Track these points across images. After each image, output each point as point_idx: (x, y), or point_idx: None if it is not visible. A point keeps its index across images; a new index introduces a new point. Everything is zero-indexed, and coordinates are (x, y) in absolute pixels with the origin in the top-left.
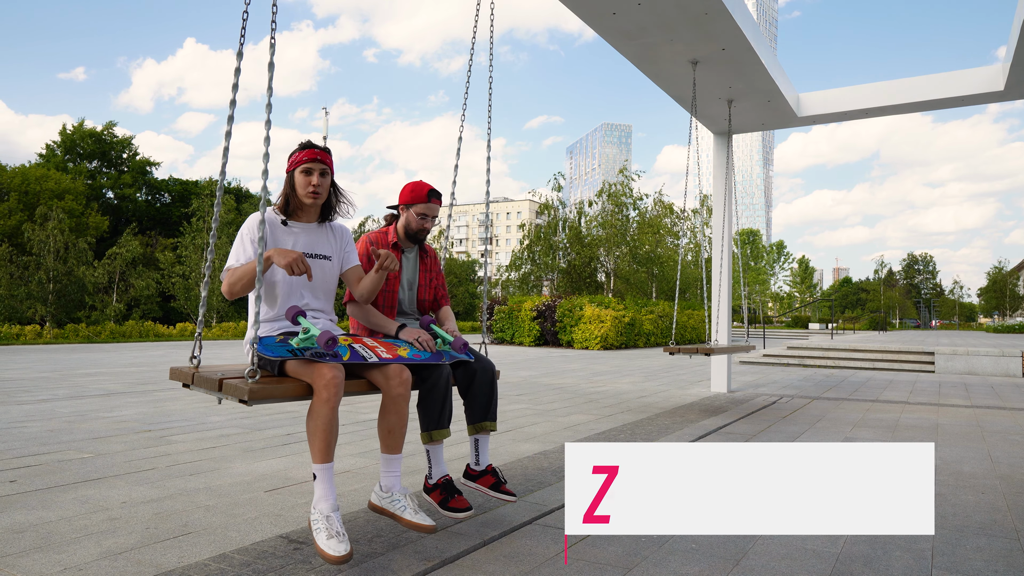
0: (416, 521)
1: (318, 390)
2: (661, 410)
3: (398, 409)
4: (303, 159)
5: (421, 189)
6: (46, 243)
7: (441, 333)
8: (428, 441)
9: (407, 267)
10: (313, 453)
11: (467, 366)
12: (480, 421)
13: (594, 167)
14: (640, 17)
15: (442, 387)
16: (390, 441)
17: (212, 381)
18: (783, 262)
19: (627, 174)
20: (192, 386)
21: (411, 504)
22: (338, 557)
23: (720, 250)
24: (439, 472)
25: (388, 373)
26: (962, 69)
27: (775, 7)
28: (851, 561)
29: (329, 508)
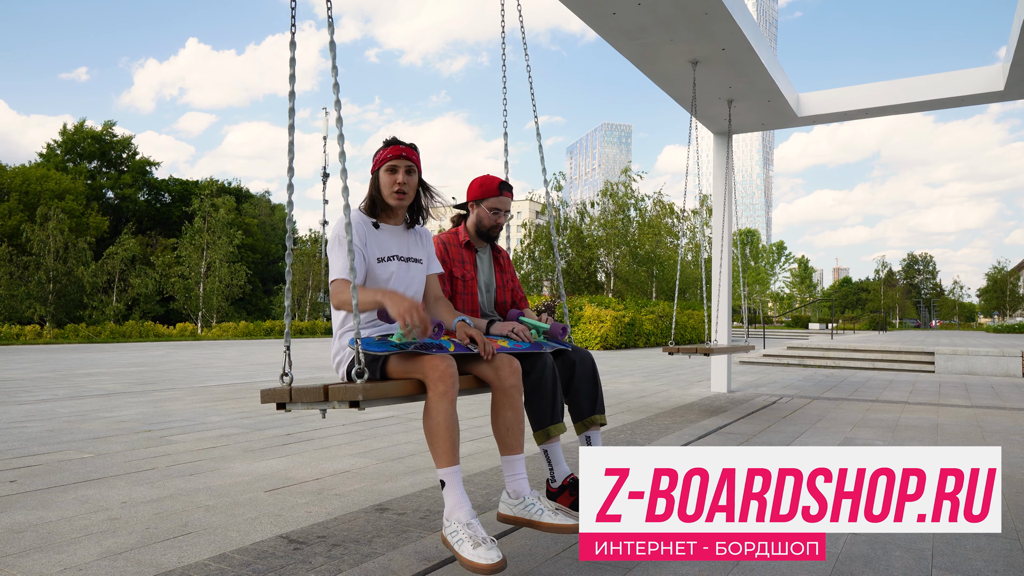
0: (558, 523)
1: (433, 383)
2: (661, 410)
3: (513, 403)
4: (387, 156)
5: (491, 183)
6: (46, 243)
7: (535, 323)
8: (544, 440)
9: (483, 269)
10: (437, 457)
11: (565, 357)
12: (590, 415)
13: (594, 167)
14: (640, 17)
15: (549, 377)
16: (509, 440)
17: (316, 391)
18: (783, 262)
19: (629, 174)
20: (290, 404)
21: (548, 506)
22: (492, 565)
23: (720, 250)
24: (562, 472)
25: (497, 364)
26: (962, 69)
27: (775, 8)
28: (851, 561)
29: (467, 515)
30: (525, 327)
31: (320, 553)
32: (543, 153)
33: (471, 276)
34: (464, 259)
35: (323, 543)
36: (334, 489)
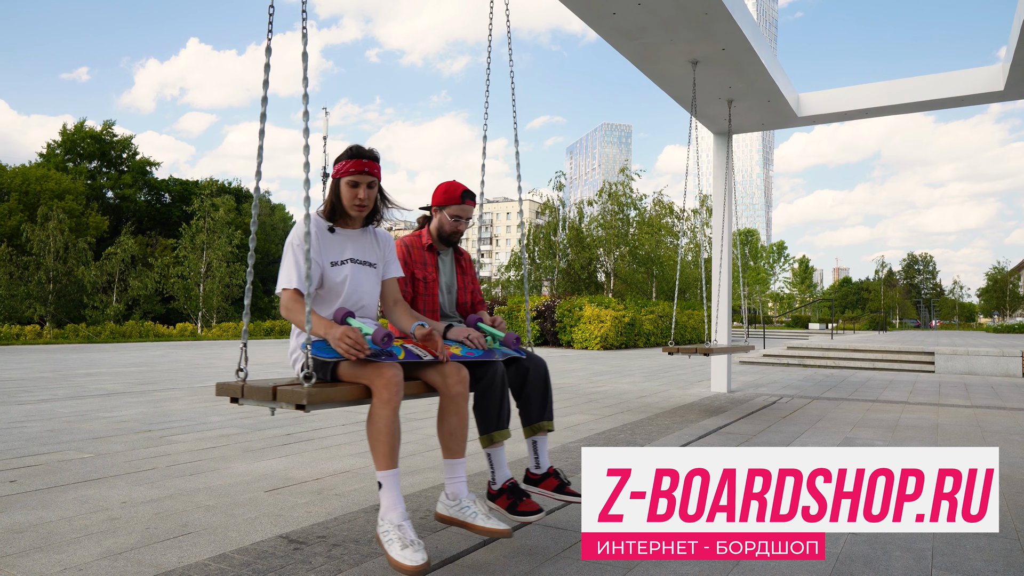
0: (490, 527)
1: (378, 391)
2: (661, 410)
3: (458, 409)
4: (349, 170)
5: (455, 190)
6: (46, 243)
7: (491, 330)
8: (489, 444)
9: (444, 271)
10: (377, 460)
11: (518, 364)
12: (538, 421)
13: (594, 167)
14: (640, 17)
15: (498, 385)
16: (452, 444)
17: (265, 391)
18: (783, 262)
19: (628, 174)
20: (242, 400)
21: (482, 509)
22: (416, 567)
23: (720, 250)
24: (503, 476)
25: (445, 372)
26: (962, 69)
27: (775, 8)
28: (851, 561)
29: (400, 517)
30: (480, 334)
31: (320, 553)
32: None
33: (432, 278)
34: (426, 261)
35: (323, 543)
36: (334, 489)
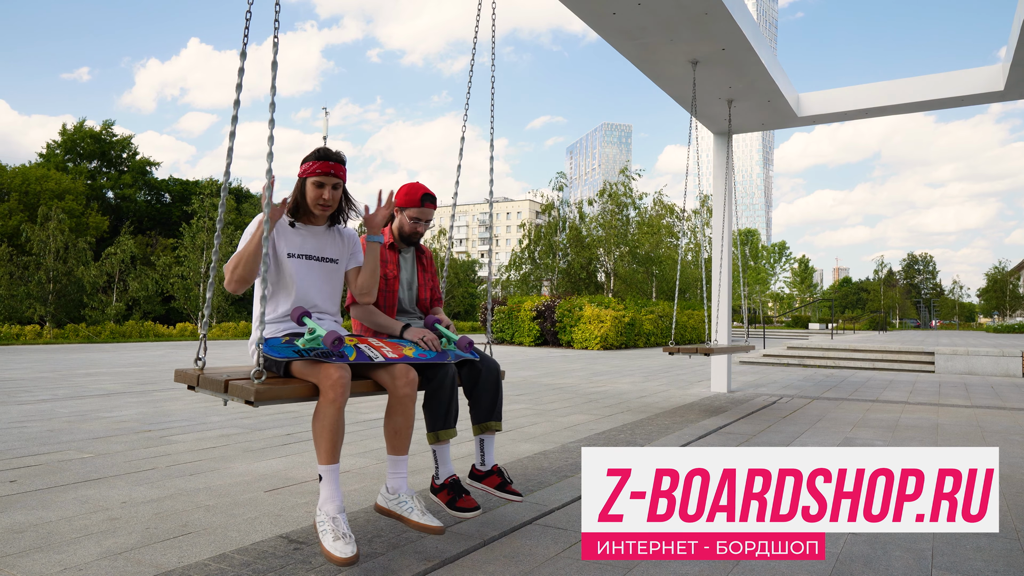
0: (423, 523)
1: (324, 390)
2: (661, 410)
3: (404, 409)
4: (316, 171)
5: (415, 192)
6: (46, 243)
7: (446, 332)
8: (434, 441)
9: (405, 267)
10: (319, 454)
11: (472, 365)
12: (485, 421)
13: (594, 167)
14: (640, 17)
15: (448, 387)
16: (396, 442)
17: (218, 383)
18: (783, 262)
19: (628, 174)
20: (198, 388)
21: (418, 505)
22: (344, 559)
23: (720, 250)
24: (446, 472)
25: (394, 373)
26: (962, 69)
27: (775, 9)
28: (851, 561)
29: (335, 510)
30: (435, 336)
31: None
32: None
33: (393, 275)
34: (387, 259)
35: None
36: None
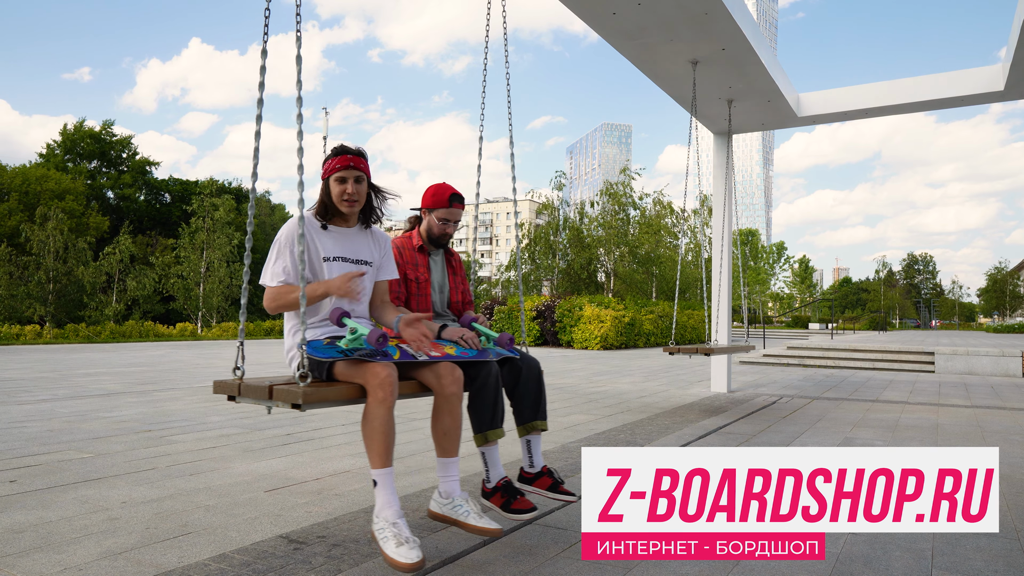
0: (482, 525)
1: (372, 390)
2: (661, 410)
3: (452, 409)
4: (336, 167)
5: (443, 193)
6: (46, 243)
7: (485, 330)
8: (483, 443)
9: (436, 271)
10: (372, 458)
11: (512, 364)
12: (531, 420)
13: (594, 167)
14: (640, 17)
15: (492, 385)
16: (446, 444)
17: (261, 389)
18: (783, 262)
19: (628, 173)
20: (239, 398)
21: (474, 508)
22: (411, 564)
23: (720, 250)
24: (497, 474)
25: (439, 372)
26: (962, 69)
27: (775, 9)
28: (851, 561)
29: (394, 515)
30: (475, 334)
31: (320, 553)
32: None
33: (424, 278)
34: (417, 262)
35: (323, 543)
36: (334, 489)
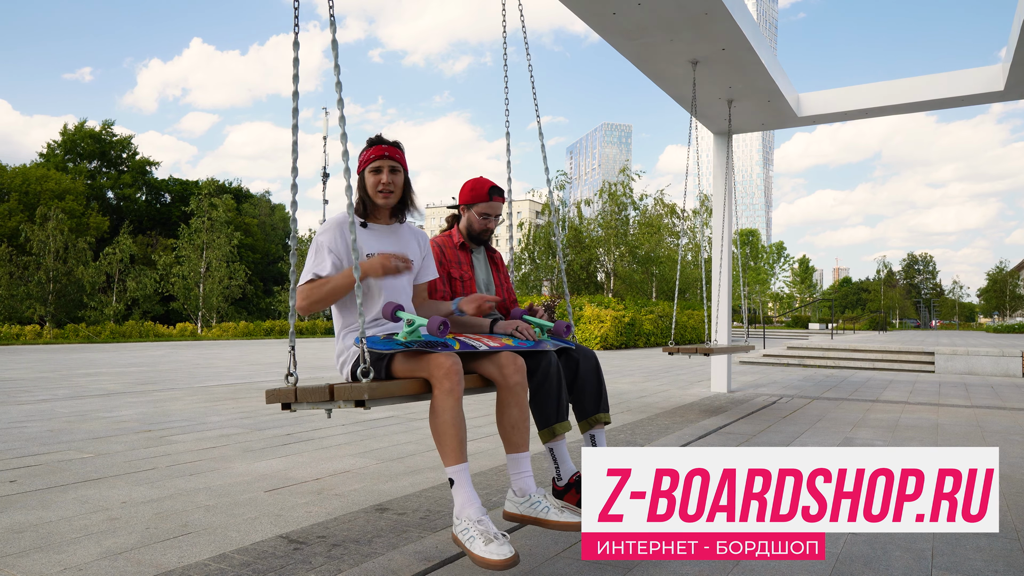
0: (564, 520)
1: (439, 380)
2: (661, 410)
3: (518, 400)
4: (371, 157)
5: (481, 187)
6: (46, 243)
7: (538, 321)
8: (550, 438)
9: (480, 268)
10: (445, 455)
11: (568, 355)
12: (594, 413)
13: (594, 167)
14: (640, 17)
15: (554, 376)
16: (515, 438)
17: (322, 391)
18: (783, 262)
19: (627, 173)
20: (295, 405)
21: (554, 503)
22: (506, 561)
23: (720, 250)
24: (568, 470)
25: (501, 362)
26: (962, 69)
27: (775, 9)
28: (851, 561)
29: (478, 512)
30: (529, 326)
31: (320, 553)
32: (545, 152)
33: (469, 276)
34: (460, 260)
35: (323, 543)
36: (334, 489)
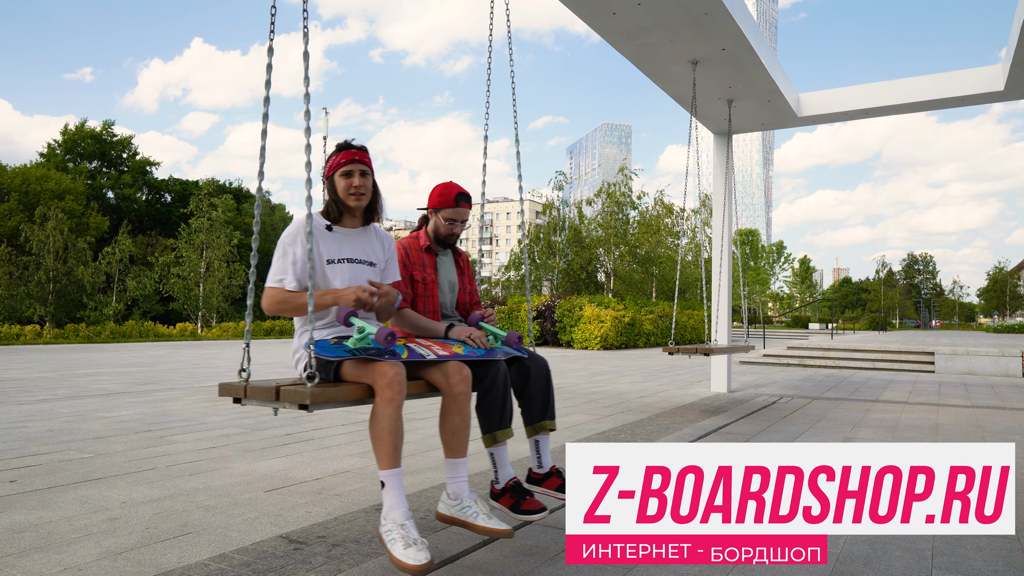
0: (491, 527)
1: (380, 389)
2: (661, 410)
3: (460, 408)
4: (341, 162)
5: (449, 193)
6: (46, 243)
7: (493, 330)
8: (492, 443)
9: (445, 270)
10: (380, 459)
11: (520, 363)
12: (540, 420)
13: (594, 167)
14: (640, 17)
15: (501, 385)
16: (454, 444)
17: (268, 391)
18: (783, 262)
19: (627, 173)
20: (245, 400)
21: (483, 509)
22: (420, 566)
23: (720, 250)
24: (506, 475)
25: (448, 371)
26: (962, 69)
27: (775, 10)
28: (851, 561)
29: (402, 516)
30: (483, 333)
31: (320, 553)
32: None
33: (432, 279)
34: (425, 263)
35: (323, 543)
36: (334, 489)
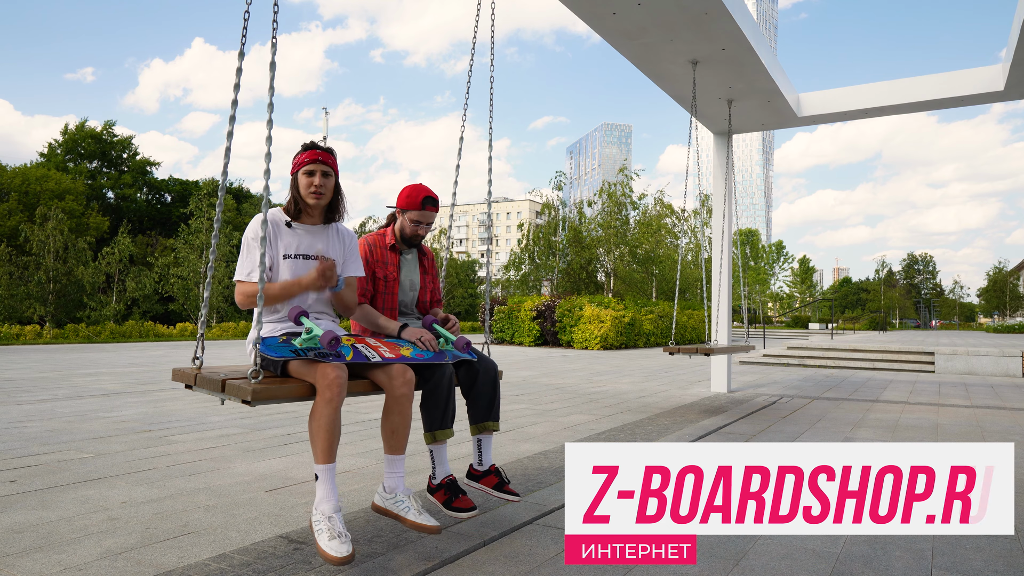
0: (420, 522)
1: (321, 390)
2: (661, 410)
3: (401, 409)
4: (304, 161)
5: (416, 195)
6: (46, 243)
7: (444, 332)
8: (431, 441)
9: (408, 269)
10: (315, 453)
11: (470, 366)
12: (483, 421)
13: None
14: (640, 17)
15: (445, 387)
16: (393, 442)
17: (215, 382)
18: (783, 262)
19: (627, 173)
20: (195, 387)
21: (415, 505)
22: (340, 558)
23: (720, 250)
24: (443, 472)
25: (391, 373)
26: (962, 69)
27: (775, 10)
28: (851, 561)
29: (331, 509)
30: (433, 336)
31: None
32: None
33: (393, 277)
34: (387, 260)
35: None
36: None
